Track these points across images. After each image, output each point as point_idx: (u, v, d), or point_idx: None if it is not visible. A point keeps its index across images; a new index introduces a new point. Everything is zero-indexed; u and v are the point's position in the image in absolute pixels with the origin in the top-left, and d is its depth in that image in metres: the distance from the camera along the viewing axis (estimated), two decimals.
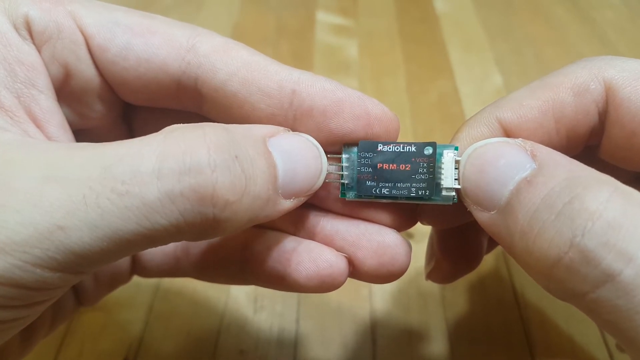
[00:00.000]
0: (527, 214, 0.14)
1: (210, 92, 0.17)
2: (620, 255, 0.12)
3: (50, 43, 0.16)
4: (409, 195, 0.17)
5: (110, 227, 0.12)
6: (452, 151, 0.16)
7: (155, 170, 0.12)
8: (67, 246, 0.12)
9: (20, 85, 0.15)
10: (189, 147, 0.13)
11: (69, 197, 0.12)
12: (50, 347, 0.26)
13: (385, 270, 0.17)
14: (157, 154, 0.13)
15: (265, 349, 0.26)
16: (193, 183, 0.13)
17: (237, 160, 0.13)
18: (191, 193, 0.13)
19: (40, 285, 0.13)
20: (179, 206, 0.13)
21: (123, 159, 0.13)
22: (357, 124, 0.17)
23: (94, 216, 0.12)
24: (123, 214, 0.12)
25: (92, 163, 0.13)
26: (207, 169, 0.13)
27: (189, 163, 0.13)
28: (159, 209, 0.12)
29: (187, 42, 0.17)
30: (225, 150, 0.13)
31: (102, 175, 0.12)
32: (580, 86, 0.16)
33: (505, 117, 0.17)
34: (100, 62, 0.17)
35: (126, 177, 0.12)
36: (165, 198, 0.12)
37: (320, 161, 0.16)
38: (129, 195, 0.12)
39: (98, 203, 0.12)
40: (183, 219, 0.13)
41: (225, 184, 0.13)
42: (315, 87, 0.16)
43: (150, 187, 0.12)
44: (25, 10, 0.16)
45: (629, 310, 0.12)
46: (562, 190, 0.13)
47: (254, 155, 0.14)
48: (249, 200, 0.14)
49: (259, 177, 0.14)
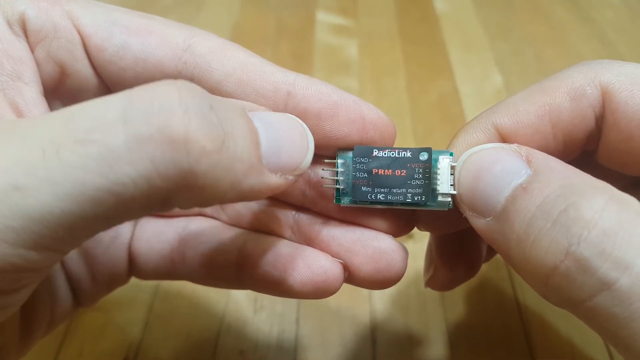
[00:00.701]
0: (523, 222, 0.14)
1: None
2: (616, 263, 0.12)
3: (45, 42, 0.16)
4: (405, 201, 0.17)
5: (72, 181, 0.11)
6: (447, 157, 0.16)
7: (122, 114, 0.11)
8: (24, 211, 0.11)
9: (6, 77, 0.16)
10: (159, 93, 0.12)
11: (27, 154, 0.11)
12: (50, 347, 0.26)
13: (381, 276, 0.17)
14: (123, 101, 0.12)
15: (265, 349, 0.26)
16: (162, 124, 0.11)
17: (213, 110, 0.12)
18: (161, 135, 0.11)
19: (3, 265, 0.11)
20: (148, 151, 0.11)
21: (87, 109, 0.12)
22: (352, 128, 0.16)
23: (54, 171, 0.11)
24: (85, 163, 0.11)
25: (54, 119, 0.12)
26: (178, 110, 0.12)
27: (158, 106, 0.12)
28: (125, 155, 0.11)
29: (183, 43, 0.17)
30: (198, 96, 0.12)
31: (64, 127, 0.11)
32: (577, 90, 0.16)
33: (501, 122, 0.17)
34: (97, 62, 0.17)
35: (89, 125, 0.11)
36: (132, 142, 0.11)
37: (307, 138, 0.15)
38: (92, 144, 0.11)
39: (59, 156, 0.11)
40: (153, 168, 0.11)
41: (199, 128, 0.12)
42: (310, 89, 0.16)
43: (115, 132, 0.11)
44: (22, 9, 0.16)
45: (625, 318, 0.12)
46: (557, 197, 0.13)
47: (232, 116, 0.13)
48: (229, 157, 0.12)
49: (239, 137, 0.13)
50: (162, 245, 0.20)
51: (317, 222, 0.18)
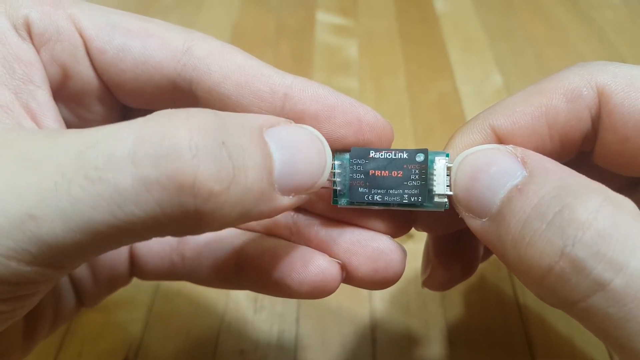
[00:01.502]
0: (518, 223, 0.14)
1: (204, 94, 0.17)
2: (611, 264, 0.12)
3: (49, 45, 0.16)
4: (402, 202, 0.17)
5: (82, 217, 0.11)
6: (443, 158, 0.17)
7: (130, 154, 0.11)
8: (39, 237, 0.11)
9: (18, 82, 0.16)
10: (169, 130, 0.12)
11: (40, 184, 0.11)
12: (50, 347, 0.26)
13: (379, 277, 0.17)
14: (134, 137, 0.12)
15: (265, 349, 0.26)
16: (170, 169, 0.11)
17: (224, 146, 0.12)
18: (168, 181, 0.11)
19: (18, 279, 0.12)
20: (155, 195, 0.11)
21: (99, 143, 0.12)
22: (349, 130, 0.17)
23: (65, 205, 0.11)
24: (95, 202, 0.11)
25: (68, 148, 0.12)
26: (186, 154, 0.12)
27: (167, 147, 0.12)
28: (132, 197, 0.11)
29: (183, 45, 0.17)
30: (210, 134, 0.12)
31: (76, 161, 0.12)
32: (573, 92, 0.16)
33: (498, 123, 0.17)
34: (98, 64, 0.17)
35: (99, 163, 0.11)
36: (139, 186, 0.11)
37: (325, 155, 0.15)
38: (101, 182, 0.11)
39: (69, 190, 0.11)
40: (160, 210, 0.12)
41: (208, 171, 0.12)
42: (307, 91, 0.16)
43: (124, 174, 0.11)
44: (26, 13, 0.16)
45: (620, 319, 0.12)
46: (552, 199, 0.13)
47: (246, 144, 0.13)
48: (238, 193, 0.13)
49: (250, 168, 0.13)
50: (161, 246, 0.20)
51: (315, 222, 0.18)
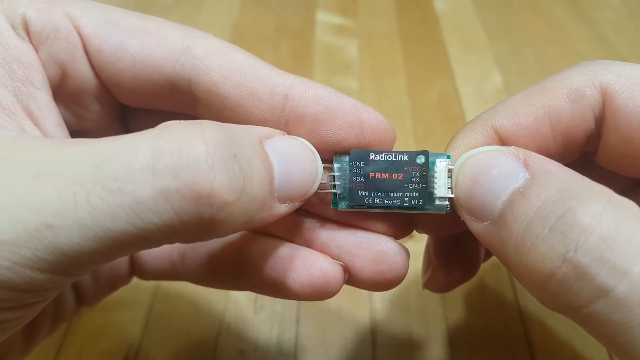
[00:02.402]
0: (520, 227, 0.14)
1: (203, 95, 0.17)
2: (614, 270, 0.12)
3: (47, 43, 0.16)
4: (402, 204, 0.16)
5: (101, 226, 0.12)
6: (444, 160, 0.16)
7: (149, 166, 0.12)
8: (56, 246, 0.12)
9: (18, 83, 0.15)
10: (186, 143, 0.12)
11: (58, 195, 0.12)
12: (50, 347, 0.26)
13: (383, 279, 0.17)
14: (152, 149, 0.12)
15: (265, 349, 0.26)
16: (190, 180, 0.12)
17: (236, 158, 0.13)
18: (188, 191, 0.12)
19: (31, 286, 0.12)
20: (174, 204, 0.12)
21: (116, 155, 0.12)
22: (349, 132, 0.16)
23: (84, 214, 0.12)
24: (114, 212, 0.12)
25: (84, 159, 0.12)
26: (204, 166, 0.12)
27: (186, 159, 0.12)
28: (152, 207, 0.12)
29: (181, 44, 0.17)
30: (224, 147, 0.13)
31: (94, 172, 0.12)
32: (577, 92, 0.16)
33: (500, 124, 0.16)
34: (96, 63, 0.17)
35: (119, 174, 0.12)
36: (159, 196, 0.12)
37: (316, 165, 0.16)
38: (121, 193, 0.12)
39: (89, 201, 0.12)
40: (177, 218, 0.12)
41: (223, 182, 0.13)
42: (308, 93, 0.16)
43: (144, 184, 0.12)
44: (23, 11, 0.16)
45: (623, 325, 0.12)
46: (555, 202, 0.13)
47: (252, 156, 0.14)
48: (246, 201, 0.13)
49: (255, 178, 0.14)
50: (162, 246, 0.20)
51: (317, 224, 0.18)
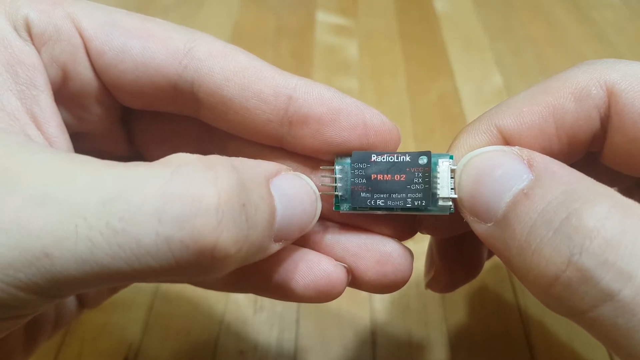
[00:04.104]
0: (524, 229, 0.13)
1: (206, 97, 0.17)
2: (619, 274, 0.12)
3: (49, 45, 0.16)
4: (405, 206, 0.16)
5: (98, 262, 0.12)
6: (447, 160, 0.16)
7: (158, 211, 0.12)
8: (51, 274, 0.11)
9: (22, 86, 0.15)
10: (198, 193, 0.12)
11: (60, 225, 0.11)
12: (50, 347, 0.26)
13: (387, 281, 0.17)
14: (161, 193, 0.12)
15: (265, 350, 0.26)
16: (196, 234, 0.12)
17: (244, 208, 0.13)
18: (192, 243, 0.12)
19: (17, 304, 0.12)
20: (176, 253, 0.12)
21: (124, 194, 0.12)
22: (353, 134, 0.16)
23: (83, 249, 0.11)
24: (114, 252, 0.11)
25: (91, 191, 0.12)
26: (213, 220, 0.12)
27: (196, 211, 0.12)
28: (153, 252, 0.12)
29: (184, 46, 0.16)
30: (235, 198, 0.13)
31: (100, 208, 0.12)
32: (582, 91, 0.16)
33: (504, 124, 0.16)
34: (98, 65, 0.17)
35: (125, 215, 0.11)
36: (162, 243, 0.12)
37: (316, 206, 0.16)
38: (124, 234, 0.11)
39: (90, 236, 0.11)
40: (176, 264, 0.12)
41: (229, 237, 0.12)
42: (312, 94, 0.16)
43: (148, 230, 0.12)
44: (25, 12, 0.16)
45: (629, 329, 0.12)
46: (559, 204, 0.13)
47: (258, 202, 0.14)
48: (247, 249, 0.13)
49: (259, 225, 0.13)
50: None
51: (320, 226, 0.18)
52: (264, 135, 0.17)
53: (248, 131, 0.17)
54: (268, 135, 0.17)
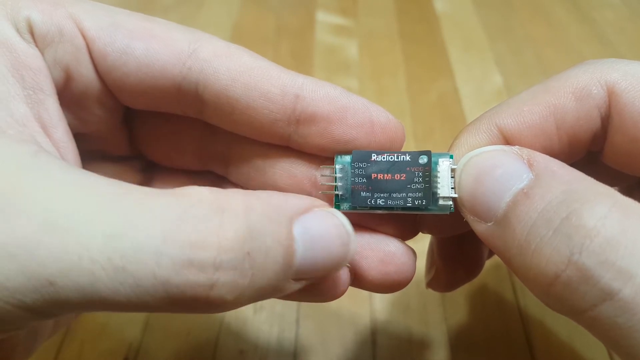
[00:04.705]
0: (524, 229, 0.13)
1: (211, 98, 0.16)
2: (619, 273, 0.12)
3: (52, 46, 0.16)
4: (405, 205, 0.16)
5: (99, 294, 0.12)
6: (447, 159, 0.16)
7: (157, 253, 0.12)
8: (54, 300, 0.12)
9: (29, 91, 0.15)
10: (199, 240, 0.12)
11: (65, 255, 0.12)
12: (50, 347, 0.26)
13: (390, 280, 0.17)
14: (164, 234, 0.12)
15: (265, 349, 0.26)
16: (191, 280, 0.12)
17: (248, 256, 0.13)
18: (188, 289, 0.12)
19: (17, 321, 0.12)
20: (171, 294, 0.12)
21: (128, 230, 0.12)
22: (360, 132, 0.16)
23: (85, 282, 0.12)
24: (115, 287, 0.12)
25: (96, 222, 0.12)
26: (209, 269, 0.12)
27: (193, 258, 0.12)
28: (151, 291, 0.12)
29: (188, 47, 0.16)
30: (238, 248, 0.13)
31: (103, 241, 0.12)
32: (582, 90, 0.16)
33: (504, 123, 0.16)
34: (101, 66, 0.16)
35: (126, 252, 0.12)
36: (160, 286, 0.12)
37: (348, 248, 0.15)
38: (124, 273, 0.12)
39: (92, 270, 0.12)
40: (171, 303, 0.12)
41: (225, 284, 0.12)
42: (319, 93, 0.16)
43: (146, 271, 0.12)
44: (27, 14, 0.15)
45: (629, 328, 0.12)
46: (559, 204, 0.13)
47: (272, 245, 0.13)
48: (250, 293, 0.13)
49: (269, 269, 0.13)
50: None
51: None
52: (270, 135, 0.17)
53: (254, 131, 0.17)
54: (274, 134, 0.17)
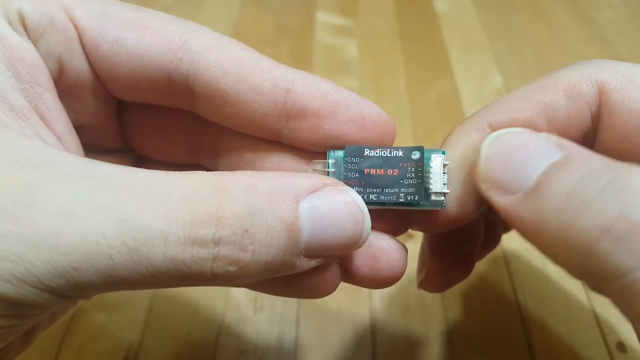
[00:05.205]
0: (563, 192, 0.13)
1: (202, 90, 0.16)
2: None
3: (44, 37, 0.16)
4: (398, 200, 0.16)
5: (118, 275, 0.13)
6: (440, 155, 0.16)
7: (163, 234, 0.13)
8: (78, 284, 0.13)
9: (25, 85, 0.15)
10: (199, 218, 0.13)
11: (84, 242, 0.12)
12: (50, 347, 0.26)
13: (381, 276, 0.17)
14: (169, 216, 0.13)
15: (265, 349, 0.26)
16: (195, 256, 0.13)
17: (247, 234, 0.13)
18: (192, 264, 0.13)
19: (42, 304, 0.13)
20: (180, 270, 0.13)
21: (138, 214, 0.13)
22: (352, 127, 0.16)
23: (105, 265, 0.13)
24: (131, 267, 0.13)
25: (109, 211, 0.13)
26: (210, 244, 0.13)
27: (195, 235, 0.13)
28: (163, 270, 0.13)
29: (179, 38, 0.16)
30: (235, 224, 0.13)
31: (117, 227, 0.13)
32: (573, 88, 0.16)
33: (496, 120, 0.16)
34: (92, 57, 0.16)
35: (137, 235, 0.13)
36: (169, 263, 0.13)
37: (363, 226, 0.15)
38: (138, 254, 0.13)
39: (110, 254, 0.13)
40: (184, 280, 0.13)
41: (226, 257, 0.13)
42: (309, 87, 0.16)
43: (157, 251, 0.13)
44: (18, 5, 0.15)
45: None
46: (600, 171, 0.13)
47: (273, 222, 0.14)
48: (257, 267, 0.14)
49: (273, 245, 0.14)
50: None
51: None
52: (261, 129, 0.17)
53: (244, 124, 0.17)
54: (264, 128, 0.17)
